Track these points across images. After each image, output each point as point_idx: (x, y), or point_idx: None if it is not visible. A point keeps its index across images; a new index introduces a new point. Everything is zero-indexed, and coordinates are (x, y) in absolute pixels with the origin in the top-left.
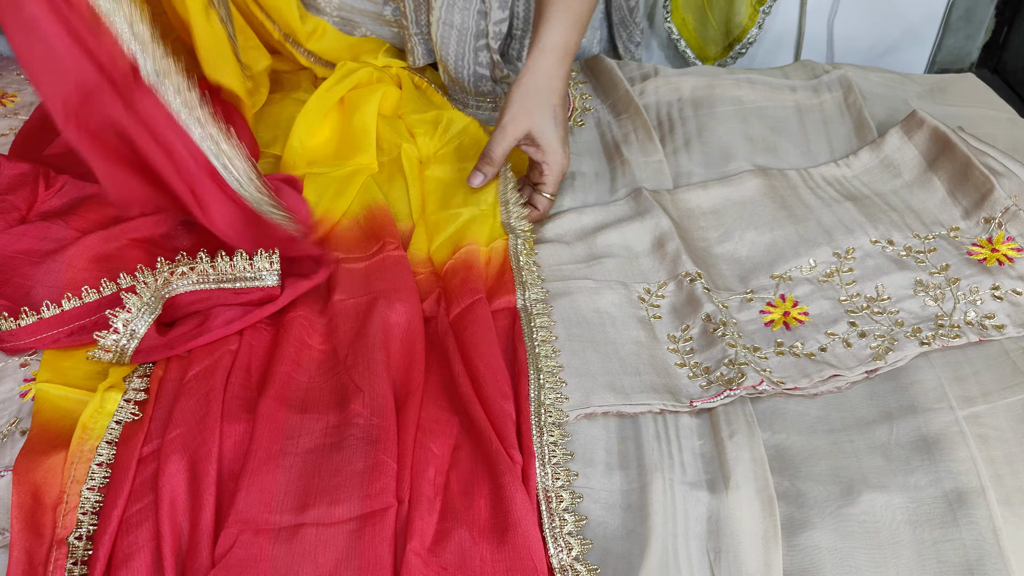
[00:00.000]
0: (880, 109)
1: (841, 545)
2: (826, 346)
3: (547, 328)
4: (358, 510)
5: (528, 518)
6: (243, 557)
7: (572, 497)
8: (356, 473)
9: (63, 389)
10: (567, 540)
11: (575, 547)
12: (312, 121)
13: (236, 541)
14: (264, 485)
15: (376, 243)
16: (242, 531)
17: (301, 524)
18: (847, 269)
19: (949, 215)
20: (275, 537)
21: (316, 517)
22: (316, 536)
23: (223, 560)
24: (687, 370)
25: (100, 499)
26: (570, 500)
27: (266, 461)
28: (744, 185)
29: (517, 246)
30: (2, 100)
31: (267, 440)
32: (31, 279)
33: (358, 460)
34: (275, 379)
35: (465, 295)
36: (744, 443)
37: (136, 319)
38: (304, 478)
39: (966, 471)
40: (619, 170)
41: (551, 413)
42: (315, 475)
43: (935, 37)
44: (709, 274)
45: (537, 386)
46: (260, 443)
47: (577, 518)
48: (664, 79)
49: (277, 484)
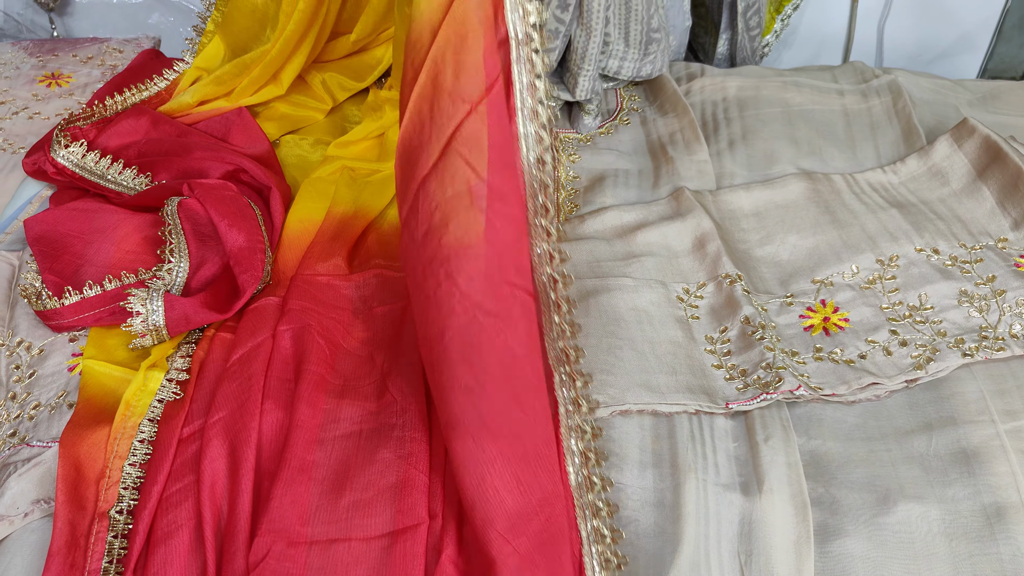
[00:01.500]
0: (929, 115)
1: (875, 554)
2: (866, 353)
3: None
4: (390, 526)
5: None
6: (276, 569)
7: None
8: (388, 487)
9: (108, 367)
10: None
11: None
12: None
13: (269, 551)
14: (298, 495)
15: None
16: (275, 541)
17: (334, 539)
18: (890, 276)
19: (998, 226)
20: (308, 550)
21: (348, 532)
22: (348, 552)
23: (257, 569)
24: (724, 372)
25: (141, 475)
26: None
27: (300, 471)
28: (787, 188)
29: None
30: (58, 81)
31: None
32: (81, 257)
33: (390, 474)
34: (309, 376)
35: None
36: (779, 447)
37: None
38: (336, 490)
39: (1005, 485)
40: (663, 168)
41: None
42: (347, 488)
43: (988, 45)
44: (749, 276)
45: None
46: (299, 432)
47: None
48: (711, 79)
49: (311, 495)
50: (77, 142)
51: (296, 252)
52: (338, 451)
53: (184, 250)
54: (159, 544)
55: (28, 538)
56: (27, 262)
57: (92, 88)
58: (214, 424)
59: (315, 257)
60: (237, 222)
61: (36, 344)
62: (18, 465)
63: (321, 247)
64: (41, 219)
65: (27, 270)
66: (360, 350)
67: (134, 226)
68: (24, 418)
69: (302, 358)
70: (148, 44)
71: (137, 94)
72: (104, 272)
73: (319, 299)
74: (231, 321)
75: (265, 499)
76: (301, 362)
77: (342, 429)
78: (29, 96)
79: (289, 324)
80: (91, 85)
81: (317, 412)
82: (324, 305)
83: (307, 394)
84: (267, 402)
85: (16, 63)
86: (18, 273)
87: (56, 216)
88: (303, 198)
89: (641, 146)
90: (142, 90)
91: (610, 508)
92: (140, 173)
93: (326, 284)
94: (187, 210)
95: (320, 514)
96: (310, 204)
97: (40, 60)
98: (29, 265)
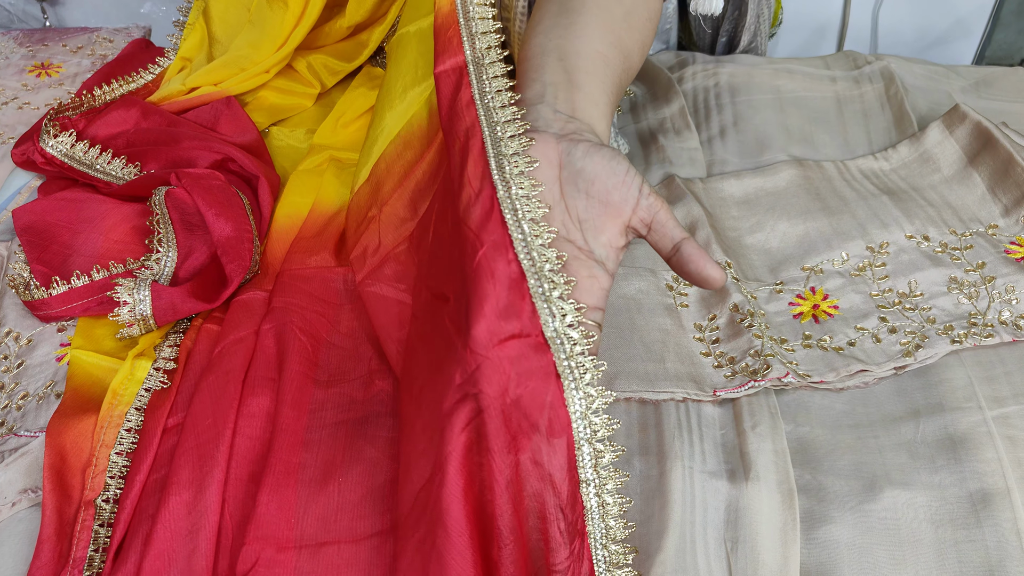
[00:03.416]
0: (922, 102)
1: (860, 541)
2: (855, 340)
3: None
4: (380, 526)
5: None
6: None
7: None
8: (377, 487)
9: (96, 357)
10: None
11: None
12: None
13: (258, 559)
14: (285, 499)
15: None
16: (263, 548)
17: (323, 543)
18: (880, 264)
19: (988, 212)
20: (298, 555)
21: (337, 534)
22: (338, 554)
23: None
24: (712, 359)
25: (127, 464)
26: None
27: (286, 474)
28: (778, 175)
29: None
30: (48, 71)
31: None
32: (69, 247)
33: (379, 473)
34: (292, 375)
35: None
36: (766, 434)
37: (139, 286)
38: (323, 492)
39: (992, 472)
40: (653, 156)
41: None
42: (335, 489)
43: (984, 31)
44: (739, 264)
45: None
46: (283, 435)
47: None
48: (702, 66)
49: (298, 498)
50: (66, 132)
51: (283, 246)
52: (324, 451)
53: (172, 239)
54: (136, 532)
55: (16, 527)
56: (15, 252)
57: (82, 78)
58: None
59: (301, 252)
60: (224, 211)
61: (24, 334)
62: (5, 455)
63: (307, 243)
64: (29, 209)
65: (15, 260)
66: (346, 342)
67: (122, 216)
68: (12, 408)
69: (284, 357)
70: (139, 33)
71: (124, 85)
72: (92, 262)
73: (306, 292)
74: (218, 312)
75: (251, 504)
76: (283, 361)
77: (328, 427)
78: (19, 86)
79: (272, 323)
80: (81, 75)
81: (302, 413)
82: (311, 298)
83: (290, 394)
84: (248, 399)
85: (6, 53)
86: (6, 264)
87: (44, 206)
88: (290, 192)
89: (631, 132)
90: (129, 81)
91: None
92: (129, 163)
93: (312, 277)
94: (175, 199)
95: (308, 518)
96: (296, 199)
97: (30, 50)
98: (17, 255)
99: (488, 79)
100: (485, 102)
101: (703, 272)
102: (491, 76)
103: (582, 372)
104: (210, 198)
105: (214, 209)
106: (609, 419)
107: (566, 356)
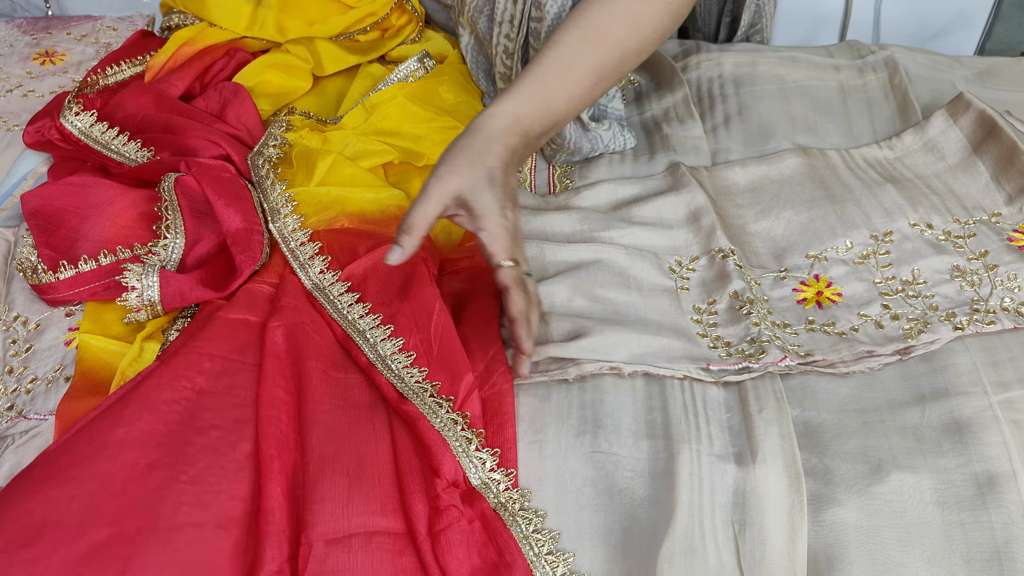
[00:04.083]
0: (926, 91)
1: (867, 523)
2: (858, 326)
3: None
4: (424, 513)
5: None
6: (321, 570)
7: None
8: (418, 471)
9: (104, 341)
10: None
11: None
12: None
13: (311, 551)
14: (325, 491)
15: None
16: (315, 540)
17: (373, 532)
18: (884, 252)
19: (992, 200)
20: (349, 545)
21: (385, 525)
22: (393, 543)
23: (306, 572)
24: (708, 340)
25: None
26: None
27: (321, 466)
28: (783, 164)
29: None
30: (52, 58)
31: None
32: (77, 232)
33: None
34: (310, 372)
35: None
36: (773, 418)
37: (147, 272)
38: (360, 481)
39: (997, 455)
40: (658, 145)
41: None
42: (370, 478)
43: (985, 24)
44: (743, 251)
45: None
46: (309, 395)
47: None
48: (706, 55)
49: (339, 488)
50: (88, 111)
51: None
52: (356, 441)
53: (180, 226)
54: None
55: None
56: (23, 237)
57: (86, 66)
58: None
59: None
60: (233, 202)
61: (33, 319)
62: (15, 437)
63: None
64: (37, 193)
65: (23, 244)
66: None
67: (130, 201)
68: (21, 391)
69: (299, 355)
70: (142, 22)
71: (132, 68)
72: (100, 247)
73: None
74: (223, 301)
75: (295, 497)
76: (298, 359)
77: (353, 417)
78: (23, 74)
79: (281, 320)
80: (85, 63)
81: (324, 405)
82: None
83: (311, 390)
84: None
85: (10, 41)
86: (14, 248)
87: (52, 191)
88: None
89: (635, 122)
90: (135, 64)
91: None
92: (144, 147)
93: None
94: (184, 187)
95: (353, 507)
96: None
97: (34, 38)
98: (25, 240)
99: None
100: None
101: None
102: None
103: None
104: (220, 188)
105: (223, 199)
106: None
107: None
